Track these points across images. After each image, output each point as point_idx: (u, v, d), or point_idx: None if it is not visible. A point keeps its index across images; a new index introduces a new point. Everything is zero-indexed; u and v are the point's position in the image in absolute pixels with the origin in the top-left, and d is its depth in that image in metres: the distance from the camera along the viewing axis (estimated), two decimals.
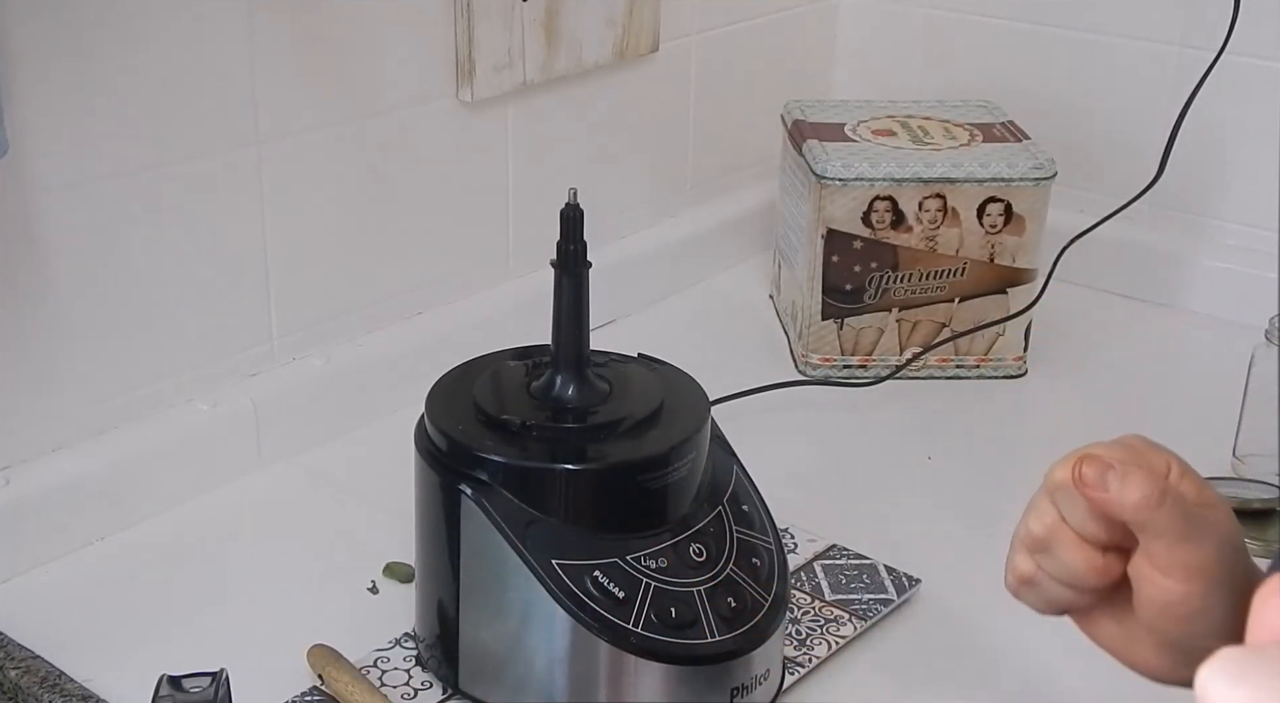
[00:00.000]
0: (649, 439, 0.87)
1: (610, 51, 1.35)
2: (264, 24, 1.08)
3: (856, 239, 1.29)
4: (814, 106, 1.43)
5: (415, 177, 1.24)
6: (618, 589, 0.83)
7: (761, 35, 1.55)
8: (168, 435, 1.09)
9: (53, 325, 1.02)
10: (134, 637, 0.96)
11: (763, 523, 0.91)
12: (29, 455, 1.03)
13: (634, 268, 1.43)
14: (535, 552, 0.83)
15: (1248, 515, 1.09)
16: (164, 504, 1.08)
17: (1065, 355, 1.38)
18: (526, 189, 1.33)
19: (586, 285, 0.88)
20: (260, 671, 0.88)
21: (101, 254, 1.03)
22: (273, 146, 1.12)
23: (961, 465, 1.20)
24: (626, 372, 0.93)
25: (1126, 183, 1.38)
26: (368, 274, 1.23)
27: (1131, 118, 1.49)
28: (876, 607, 0.99)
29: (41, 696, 0.88)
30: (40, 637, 0.93)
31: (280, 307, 1.16)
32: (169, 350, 1.10)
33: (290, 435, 1.16)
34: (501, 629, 0.86)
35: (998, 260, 1.31)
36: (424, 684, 0.91)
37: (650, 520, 0.86)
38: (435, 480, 0.87)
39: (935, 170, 1.28)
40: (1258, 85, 1.40)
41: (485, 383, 0.91)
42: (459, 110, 1.25)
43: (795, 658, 0.93)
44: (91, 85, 0.99)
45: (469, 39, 1.22)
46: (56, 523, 1.03)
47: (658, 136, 1.47)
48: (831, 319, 1.32)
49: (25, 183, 0.98)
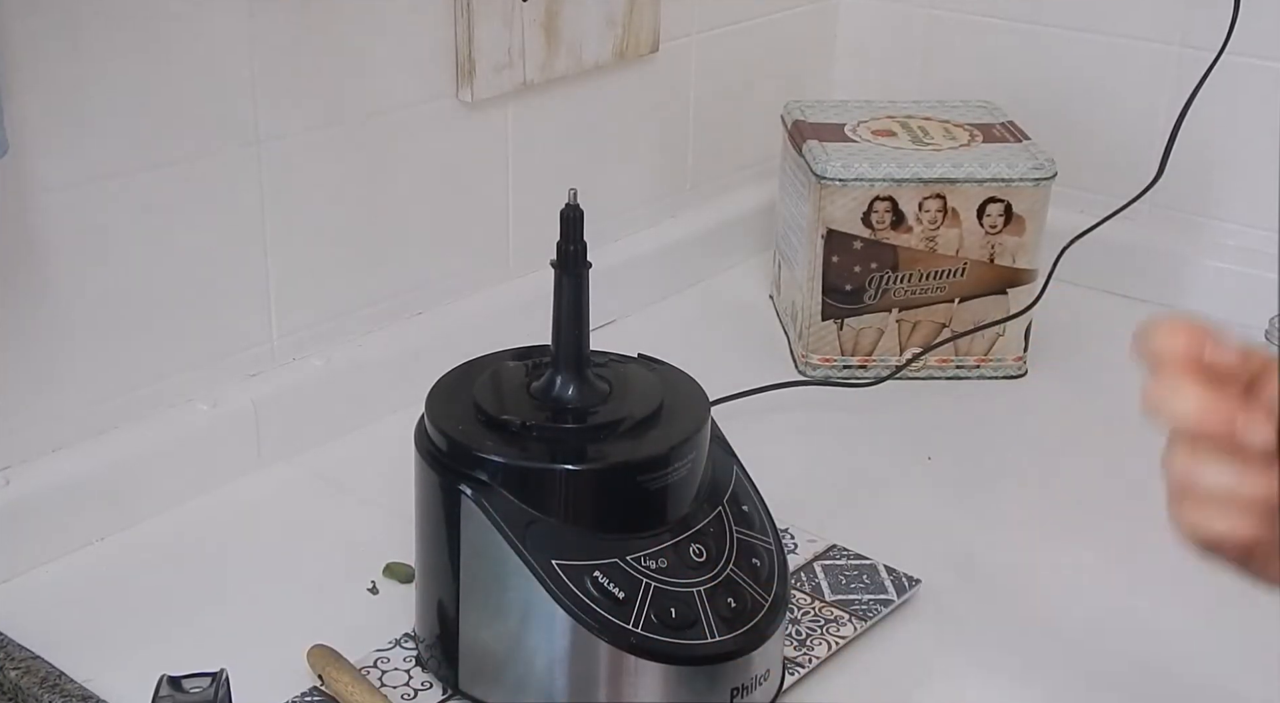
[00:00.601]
0: (649, 439, 0.87)
1: (610, 51, 1.35)
2: (264, 24, 1.08)
3: (856, 239, 1.29)
4: (814, 107, 1.43)
5: (415, 177, 1.24)
6: (618, 589, 0.83)
7: (761, 35, 1.55)
8: (168, 435, 1.09)
9: (53, 325, 1.02)
10: (134, 637, 0.95)
11: (763, 523, 0.91)
12: (29, 455, 1.03)
13: (634, 268, 1.43)
14: (535, 552, 0.83)
15: None
16: (164, 504, 1.08)
17: (1065, 355, 1.38)
18: (526, 189, 1.33)
19: (586, 285, 0.88)
20: (260, 671, 0.88)
21: (101, 254, 1.03)
22: (273, 146, 1.11)
23: (961, 465, 1.20)
24: (626, 372, 0.93)
25: (1126, 183, 1.38)
26: (368, 274, 1.23)
27: (1131, 118, 1.48)
28: (876, 607, 0.99)
29: (41, 696, 0.88)
30: (40, 637, 0.93)
31: (280, 307, 1.16)
32: (169, 350, 1.10)
33: (290, 435, 1.16)
34: (501, 629, 0.86)
35: (998, 261, 1.31)
36: (424, 684, 0.91)
37: (650, 521, 0.86)
38: (435, 480, 0.86)
39: (935, 170, 1.28)
40: (1258, 85, 1.40)
41: (485, 383, 0.91)
42: (459, 110, 1.25)
43: (795, 658, 0.93)
44: (92, 85, 0.99)
45: (469, 39, 1.22)
46: (56, 523, 1.03)
47: (658, 136, 1.47)
48: (831, 319, 1.32)
49: (25, 183, 0.98)
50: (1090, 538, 1.10)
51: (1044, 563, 1.07)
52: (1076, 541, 1.09)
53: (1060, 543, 1.09)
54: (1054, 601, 1.02)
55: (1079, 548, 1.08)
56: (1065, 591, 1.04)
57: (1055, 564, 1.07)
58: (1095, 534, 1.10)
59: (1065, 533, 1.11)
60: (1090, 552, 1.08)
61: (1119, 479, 1.17)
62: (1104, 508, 1.14)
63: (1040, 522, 1.12)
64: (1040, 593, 1.03)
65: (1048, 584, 1.04)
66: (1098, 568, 1.06)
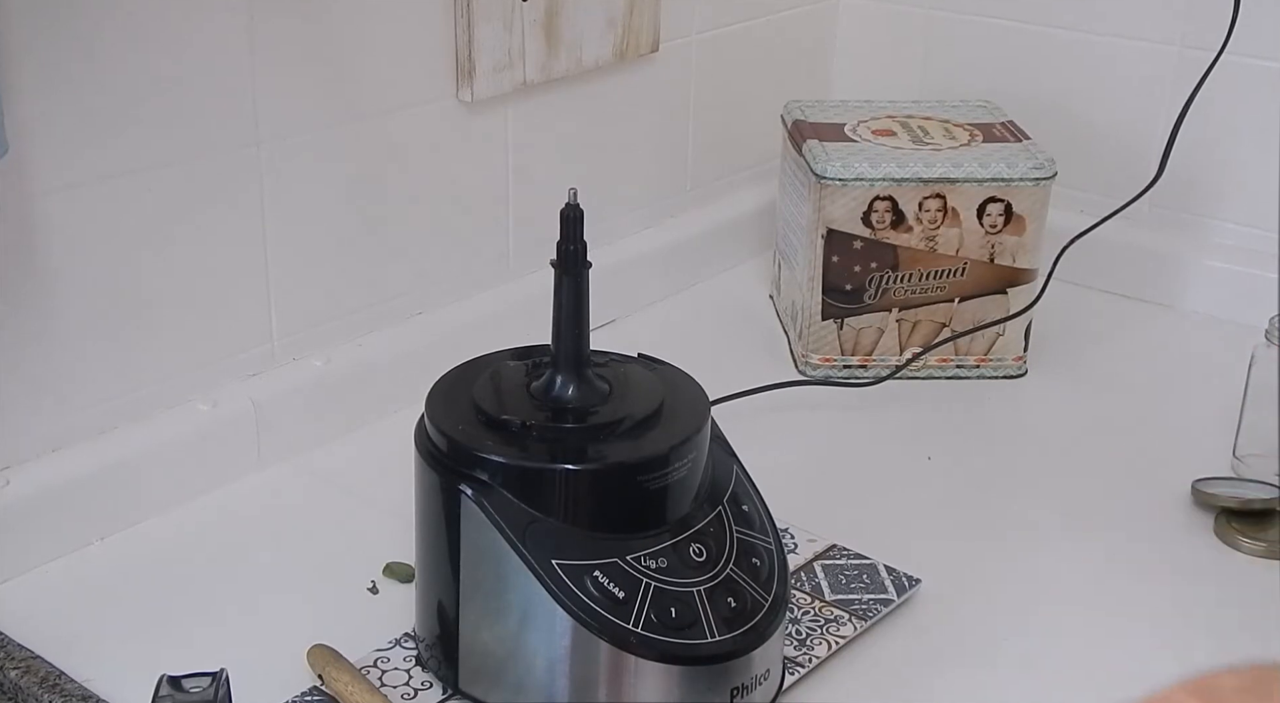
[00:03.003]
0: (649, 439, 0.87)
1: (610, 51, 1.35)
2: (264, 24, 1.08)
3: (856, 239, 1.29)
4: (814, 106, 1.43)
5: (415, 177, 1.24)
6: (618, 589, 0.83)
7: (761, 35, 1.55)
8: (168, 435, 1.09)
9: (53, 325, 1.02)
10: (134, 637, 0.96)
11: (763, 523, 0.91)
12: (29, 455, 1.03)
13: (634, 268, 1.43)
14: (535, 552, 0.83)
15: (1248, 516, 1.09)
16: (164, 504, 1.09)
17: (1065, 355, 1.38)
18: (526, 189, 1.33)
19: (586, 285, 0.88)
20: (260, 671, 0.88)
21: (102, 254, 1.03)
22: (273, 146, 1.12)
23: (961, 465, 1.20)
24: (626, 372, 0.93)
25: (1126, 183, 1.38)
26: (368, 274, 1.23)
27: (1131, 118, 1.49)
28: (876, 607, 0.99)
29: (41, 696, 0.88)
30: (40, 637, 0.93)
31: (280, 307, 1.16)
32: (169, 350, 1.10)
33: (290, 435, 1.16)
34: (501, 629, 0.86)
35: (998, 260, 1.31)
36: (424, 684, 0.91)
37: (650, 521, 0.86)
38: (435, 480, 0.86)
39: (935, 170, 1.28)
40: (1258, 85, 1.40)
41: (485, 383, 0.91)
42: (459, 110, 1.25)
43: (795, 658, 0.93)
44: (92, 85, 0.99)
45: (469, 39, 1.22)
46: (56, 523, 1.03)
47: (658, 136, 1.47)
48: (831, 319, 1.32)
49: (25, 183, 0.98)
50: (1090, 538, 1.10)
51: (1044, 563, 1.07)
52: (1076, 540, 1.09)
53: (1060, 543, 1.09)
54: (1054, 600, 1.02)
55: (1079, 548, 1.08)
56: (1065, 590, 1.04)
57: (1055, 564, 1.07)
58: (1095, 534, 1.10)
59: (1065, 533, 1.11)
60: (1090, 552, 1.08)
61: (1119, 479, 1.17)
62: (1104, 508, 1.14)
63: (1040, 521, 1.12)
64: (1040, 593, 1.03)
65: (1047, 584, 1.04)
66: (1097, 567, 1.06)
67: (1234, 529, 1.09)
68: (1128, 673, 0.92)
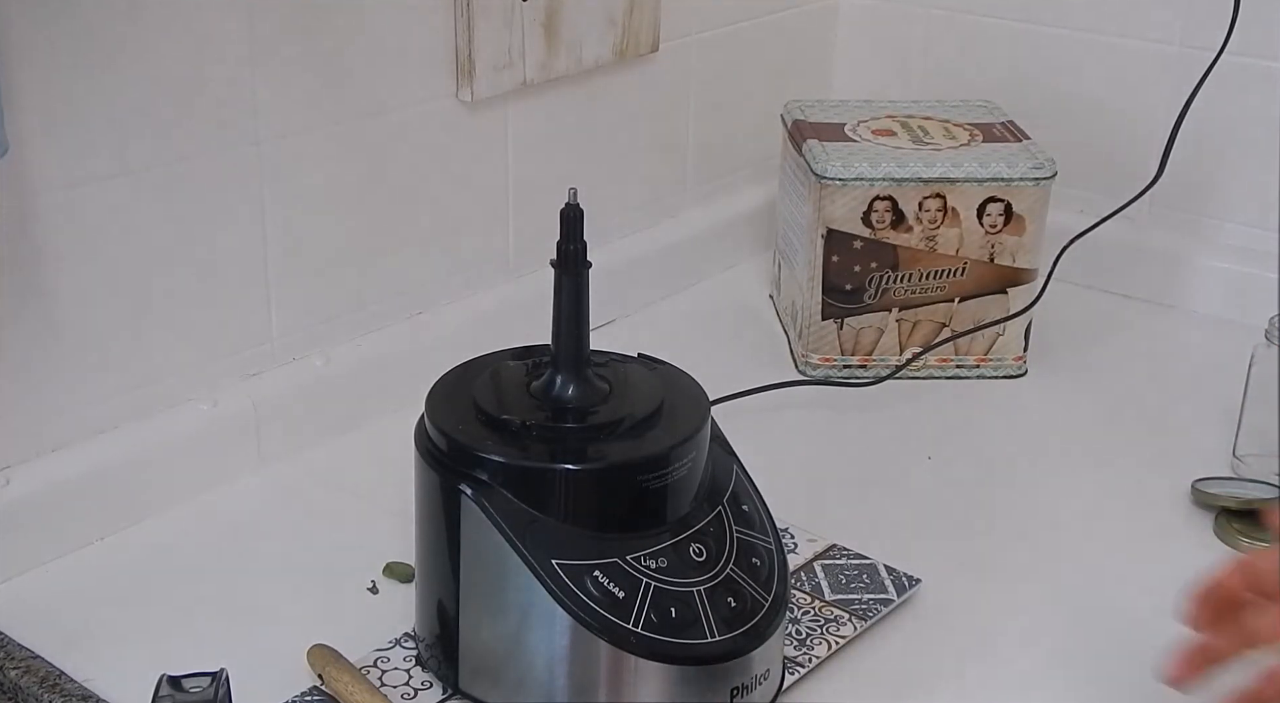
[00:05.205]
0: (649, 439, 0.87)
1: (610, 51, 1.35)
2: (264, 24, 1.08)
3: (856, 239, 1.29)
4: (814, 106, 1.43)
5: (415, 176, 1.24)
6: (618, 589, 0.83)
7: (761, 35, 1.55)
8: (168, 435, 1.09)
9: (53, 325, 1.02)
10: (134, 637, 0.95)
11: (763, 523, 0.91)
12: (29, 455, 1.03)
13: (634, 268, 1.43)
14: (535, 552, 0.83)
15: (1248, 515, 1.09)
16: (164, 504, 1.08)
17: (1065, 355, 1.38)
18: (526, 189, 1.33)
19: (586, 285, 0.88)
20: (260, 671, 0.88)
21: (102, 254, 1.03)
22: (273, 146, 1.12)
23: (961, 465, 1.20)
24: (626, 372, 0.93)
25: (1126, 183, 1.38)
26: (368, 274, 1.23)
27: (1131, 118, 1.48)
28: (876, 607, 0.99)
29: (41, 696, 0.88)
30: (40, 637, 0.93)
31: (280, 307, 1.16)
32: (169, 350, 1.10)
33: (290, 435, 1.16)
34: (501, 629, 0.86)
35: (998, 260, 1.31)
36: (424, 684, 0.91)
37: (650, 520, 0.86)
38: (435, 480, 0.86)
39: (935, 170, 1.28)
40: (1258, 85, 1.40)
41: (485, 383, 0.91)
42: (459, 110, 1.25)
43: (795, 658, 0.93)
44: (92, 85, 0.99)
45: (469, 39, 1.22)
46: (56, 523, 1.03)
47: (658, 136, 1.47)
48: (831, 319, 1.32)
49: (25, 183, 0.98)
50: (1090, 538, 1.10)
51: (1044, 563, 1.07)
52: (1076, 540, 1.09)
53: (1060, 543, 1.09)
54: (1053, 600, 1.02)
55: (1079, 548, 1.08)
56: (1065, 590, 1.04)
57: (1055, 564, 1.07)
58: (1095, 534, 1.10)
59: (1065, 533, 1.10)
60: (1090, 551, 1.08)
61: (1119, 479, 1.17)
62: (1104, 507, 1.14)
63: (1040, 521, 1.12)
64: (1040, 593, 1.03)
65: (1047, 584, 1.04)
66: (1097, 567, 1.06)
67: (1234, 529, 1.09)
68: (1128, 673, 0.92)
